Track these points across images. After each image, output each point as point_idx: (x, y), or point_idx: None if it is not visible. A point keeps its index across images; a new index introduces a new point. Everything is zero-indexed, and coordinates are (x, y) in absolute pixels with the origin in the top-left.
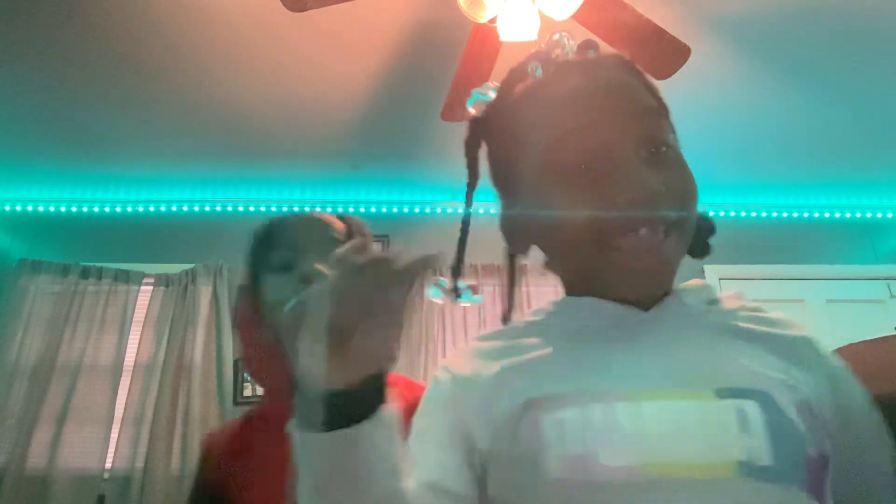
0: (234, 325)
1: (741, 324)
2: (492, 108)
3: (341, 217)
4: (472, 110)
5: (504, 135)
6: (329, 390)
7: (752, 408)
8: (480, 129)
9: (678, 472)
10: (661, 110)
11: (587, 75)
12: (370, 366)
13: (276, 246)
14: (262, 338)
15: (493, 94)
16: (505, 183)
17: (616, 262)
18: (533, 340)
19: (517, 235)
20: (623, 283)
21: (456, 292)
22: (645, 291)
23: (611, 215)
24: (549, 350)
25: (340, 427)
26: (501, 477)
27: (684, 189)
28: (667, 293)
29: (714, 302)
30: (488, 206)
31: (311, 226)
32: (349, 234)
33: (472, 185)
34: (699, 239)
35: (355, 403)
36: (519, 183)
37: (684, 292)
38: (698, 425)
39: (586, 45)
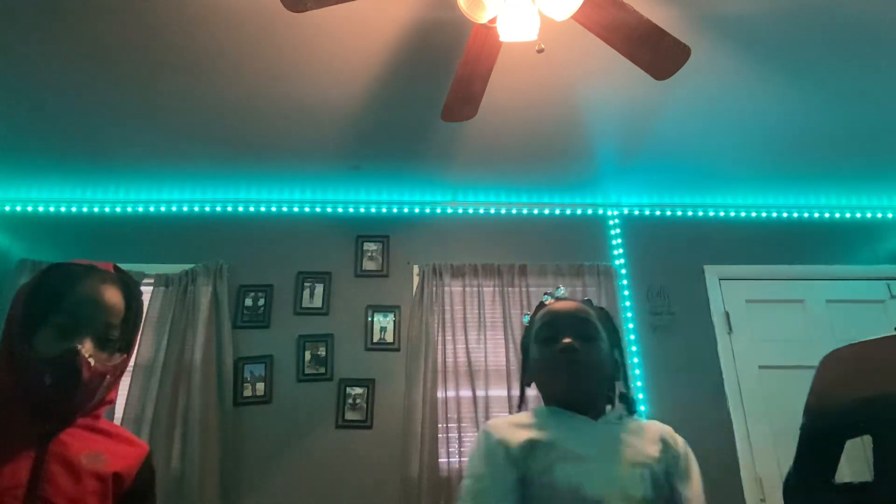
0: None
1: (629, 430)
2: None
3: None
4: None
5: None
6: None
7: (646, 472)
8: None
9: (612, 500)
10: (600, 327)
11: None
12: None
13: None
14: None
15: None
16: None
17: (559, 392)
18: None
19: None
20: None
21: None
22: (582, 409)
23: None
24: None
25: None
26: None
27: (597, 358)
28: (601, 412)
29: (621, 418)
30: (488, 207)
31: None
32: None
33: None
34: (625, 397)
35: None
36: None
37: (608, 414)
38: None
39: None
